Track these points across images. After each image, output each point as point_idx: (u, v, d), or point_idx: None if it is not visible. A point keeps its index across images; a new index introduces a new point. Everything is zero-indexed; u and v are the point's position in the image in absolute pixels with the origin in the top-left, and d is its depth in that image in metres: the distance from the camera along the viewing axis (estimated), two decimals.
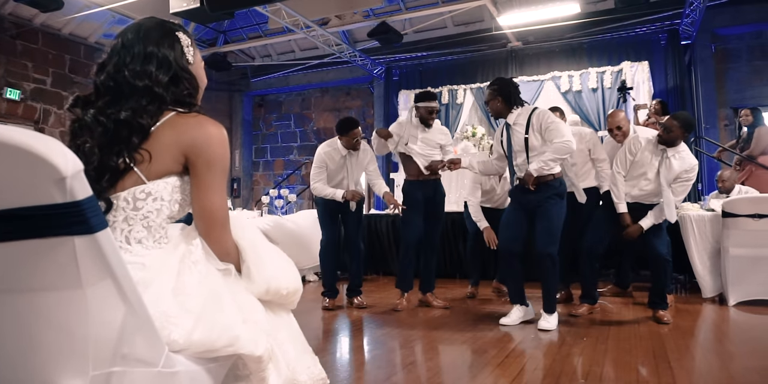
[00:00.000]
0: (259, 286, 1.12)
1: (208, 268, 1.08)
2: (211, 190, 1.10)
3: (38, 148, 0.74)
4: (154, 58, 1.12)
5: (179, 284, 1.01)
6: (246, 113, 10.70)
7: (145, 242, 1.08)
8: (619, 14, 7.16)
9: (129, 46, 1.13)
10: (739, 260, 3.82)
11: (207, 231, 1.11)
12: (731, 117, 7.31)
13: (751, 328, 3.31)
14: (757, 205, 3.76)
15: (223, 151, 1.11)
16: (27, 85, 7.70)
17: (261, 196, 6.29)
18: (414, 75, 8.87)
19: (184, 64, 1.17)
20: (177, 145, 1.08)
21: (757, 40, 7.28)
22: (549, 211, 3.20)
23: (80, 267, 0.81)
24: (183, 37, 1.19)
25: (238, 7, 5.85)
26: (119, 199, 1.06)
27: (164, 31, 1.17)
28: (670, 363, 2.42)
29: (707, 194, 4.78)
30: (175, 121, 1.10)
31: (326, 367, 1.32)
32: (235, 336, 0.97)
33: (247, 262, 1.14)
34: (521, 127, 3.26)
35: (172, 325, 0.94)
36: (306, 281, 5.50)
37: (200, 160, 1.09)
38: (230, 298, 1.05)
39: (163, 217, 1.10)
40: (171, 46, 1.16)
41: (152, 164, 1.07)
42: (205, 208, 1.10)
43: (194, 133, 1.09)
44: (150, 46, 1.13)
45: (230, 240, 1.14)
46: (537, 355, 2.63)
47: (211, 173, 1.10)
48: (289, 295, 1.18)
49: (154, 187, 1.08)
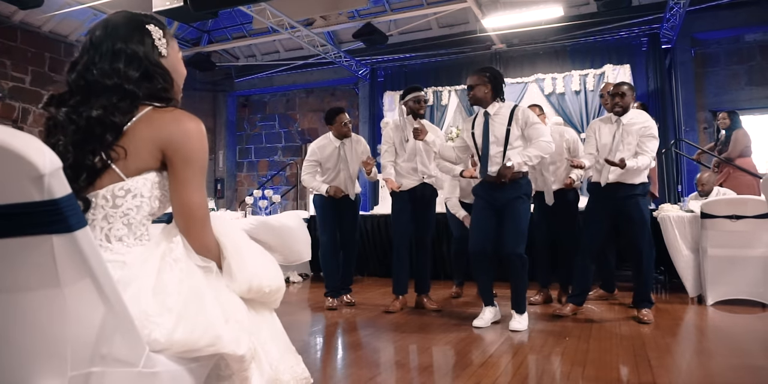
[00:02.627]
0: (240, 283, 1.11)
1: (189, 265, 1.06)
2: (190, 187, 1.08)
3: (15, 145, 0.73)
4: (123, 54, 1.10)
5: (160, 282, 1.00)
6: (230, 113, 10.62)
7: (125, 240, 1.06)
8: (601, 18, 7.25)
9: (97, 43, 1.11)
10: (717, 260, 3.89)
11: (187, 227, 1.10)
12: (710, 120, 7.45)
13: (729, 327, 3.37)
14: (734, 207, 3.84)
15: (201, 147, 1.09)
16: (5, 84, 7.56)
17: (245, 197, 6.25)
18: (399, 76, 8.88)
19: (155, 59, 1.15)
20: (153, 140, 1.06)
21: (734, 44, 7.43)
22: (517, 210, 3.21)
23: (58, 266, 0.80)
24: (153, 30, 1.16)
25: (222, 6, 5.80)
26: (98, 197, 1.05)
27: (133, 26, 1.14)
28: (650, 362, 2.46)
29: (686, 196, 4.86)
30: (151, 116, 1.09)
31: (310, 367, 1.31)
32: (217, 335, 0.96)
33: (228, 259, 1.13)
34: (503, 118, 3.26)
35: (153, 324, 0.93)
36: (290, 282, 5.48)
37: (177, 156, 1.07)
38: (212, 296, 1.04)
39: (144, 213, 1.09)
40: (140, 41, 1.13)
41: (130, 161, 1.05)
42: (184, 204, 1.09)
43: (171, 129, 1.07)
44: (118, 42, 1.11)
45: (210, 236, 1.13)
46: (520, 355, 2.65)
47: (190, 169, 1.08)
48: (271, 292, 1.17)
49: (133, 184, 1.06)
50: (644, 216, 3.41)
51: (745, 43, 7.38)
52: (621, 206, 3.42)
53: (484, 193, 3.32)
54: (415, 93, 3.87)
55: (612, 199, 3.44)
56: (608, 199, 3.45)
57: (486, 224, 3.27)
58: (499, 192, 3.23)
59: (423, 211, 3.90)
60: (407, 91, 3.92)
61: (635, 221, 3.39)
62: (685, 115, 7.38)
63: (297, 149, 10.17)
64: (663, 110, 7.15)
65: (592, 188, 3.61)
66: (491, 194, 3.27)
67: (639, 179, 3.42)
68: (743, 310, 3.72)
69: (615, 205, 3.44)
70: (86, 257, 0.82)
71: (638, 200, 3.41)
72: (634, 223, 3.39)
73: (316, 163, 4.09)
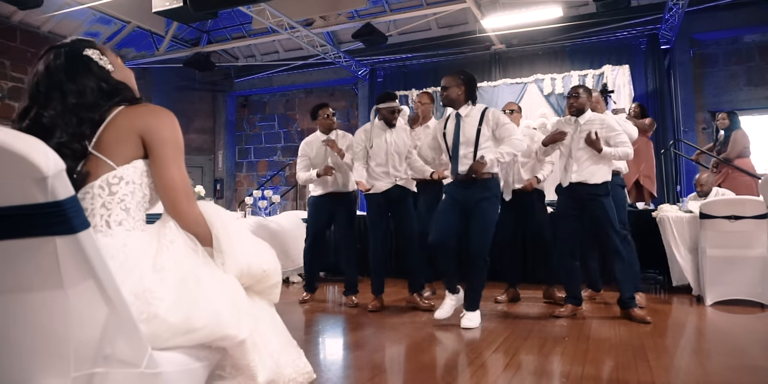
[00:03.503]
0: (233, 259, 1.15)
1: (185, 247, 1.11)
2: (169, 164, 1.16)
3: (19, 147, 0.74)
4: (72, 92, 1.16)
5: (158, 261, 1.04)
6: (229, 114, 10.62)
7: (125, 224, 1.11)
8: (600, 19, 7.26)
9: (45, 90, 1.16)
10: (715, 261, 3.90)
11: (173, 203, 1.16)
12: (709, 120, 7.46)
13: (728, 327, 3.38)
14: (733, 207, 3.85)
15: (175, 129, 1.19)
16: (5, 84, 7.56)
17: (244, 197, 6.25)
18: (398, 77, 8.89)
19: (107, 78, 1.22)
20: (133, 130, 1.15)
21: (733, 45, 7.44)
22: (486, 210, 3.24)
23: (62, 267, 0.80)
24: (92, 53, 1.23)
25: (221, 6, 5.80)
26: (94, 188, 1.10)
27: (73, 60, 1.20)
28: (649, 362, 2.46)
29: (685, 196, 4.87)
30: (126, 112, 1.17)
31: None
32: (216, 311, 0.99)
33: (218, 237, 1.18)
34: (474, 119, 3.32)
35: (157, 299, 0.96)
36: (289, 282, 5.48)
37: (155, 139, 1.16)
38: (210, 276, 1.07)
39: (138, 199, 1.15)
40: (87, 70, 1.20)
41: (116, 151, 1.13)
42: (166, 180, 1.15)
43: (146, 118, 1.17)
44: (65, 83, 1.16)
45: (197, 209, 1.19)
46: (519, 355, 2.66)
47: (167, 148, 1.17)
48: (268, 273, 1.20)
49: (124, 172, 1.13)
50: (609, 214, 3.44)
51: (743, 44, 7.40)
52: (586, 207, 3.50)
53: (453, 192, 3.35)
54: (390, 103, 3.89)
55: (577, 200, 3.52)
56: (573, 199, 3.53)
57: (449, 219, 3.29)
58: (469, 191, 3.26)
59: (400, 211, 3.94)
60: (383, 98, 3.94)
61: (601, 221, 3.44)
62: (684, 115, 7.39)
63: (296, 149, 10.06)
64: (662, 111, 7.17)
65: (558, 189, 3.68)
66: (461, 193, 3.29)
67: (601, 178, 3.50)
68: (742, 311, 3.73)
69: (581, 205, 3.52)
70: (89, 258, 0.82)
71: (602, 200, 3.46)
72: (601, 223, 3.44)
73: (307, 158, 4.30)
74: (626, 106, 6.62)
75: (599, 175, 3.51)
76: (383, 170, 3.91)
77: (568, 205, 3.57)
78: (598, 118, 3.60)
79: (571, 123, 3.63)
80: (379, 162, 3.91)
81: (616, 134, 3.51)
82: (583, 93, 3.58)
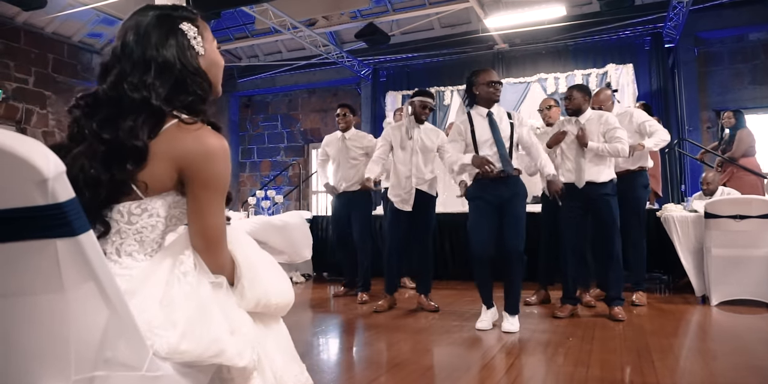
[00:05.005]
0: (249, 301, 1.09)
1: (199, 279, 1.04)
2: (208, 212, 1.03)
3: (19, 149, 0.73)
4: (154, 64, 1.05)
5: (167, 295, 0.98)
6: (233, 114, 10.63)
7: (135, 255, 1.04)
8: (604, 17, 7.23)
9: (129, 51, 1.05)
10: (721, 260, 3.88)
11: (205, 249, 1.06)
12: (714, 119, 7.42)
13: (733, 328, 3.36)
14: (738, 207, 3.82)
15: (223, 168, 1.03)
16: (9, 85, 7.58)
17: (247, 197, 6.26)
18: (401, 76, 8.88)
19: (189, 62, 1.08)
20: (174, 160, 1.01)
21: (738, 43, 7.40)
22: (518, 207, 3.22)
23: (62, 270, 0.80)
24: (188, 28, 1.10)
25: (224, 7, 5.82)
26: (113, 212, 1.02)
27: (166, 29, 1.08)
28: (653, 362, 2.45)
29: (690, 195, 4.84)
30: (175, 132, 1.03)
31: (312, 368, 1.32)
32: (222, 349, 0.95)
33: (241, 278, 1.09)
34: (502, 118, 3.31)
35: (156, 335, 0.92)
36: (293, 282, 5.48)
37: (197, 179, 1.02)
38: (219, 310, 1.02)
39: (158, 232, 1.06)
40: (175, 44, 1.07)
41: (147, 178, 1.01)
42: (202, 229, 1.04)
43: (192, 149, 1.01)
44: (149, 50, 1.05)
45: (226, 256, 1.09)
46: (523, 356, 2.65)
47: (209, 192, 1.03)
48: (278, 308, 1.16)
49: (150, 204, 1.03)
50: (614, 215, 3.50)
51: (748, 42, 7.36)
52: (591, 206, 3.51)
53: (482, 192, 3.25)
54: (426, 97, 3.91)
55: (583, 199, 3.53)
56: (579, 199, 3.53)
57: (487, 225, 3.23)
58: (502, 188, 3.21)
59: (418, 216, 3.92)
60: (419, 93, 3.95)
61: (605, 221, 3.48)
62: (689, 114, 7.36)
63: (299, 149, 10.18)
64: (666, 110, 7.13)
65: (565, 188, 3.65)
66: (492, 192, 3.22)
67: (607, 176, 3.53)
68: (748, 311, 3.70)
69: (586, 204, 3.53)
70: (90, 261, 0.81)
71: (608, 200, 3.49)
72: (605, 223, 3.48)
73: (324, 152, 4.68)
74: (631, 105, 6.60)
75: (605, 173, 3.51)
76: (405, 175, 3.90)
77: (574, 205, 3.55)
78: (597, 115, 3.62)
79: (572, 122, 3.64)
80: (403, 159, 3.92)
81: (612, 129, 3.53)
82: (576, 93, 3.61)
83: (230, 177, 1.07)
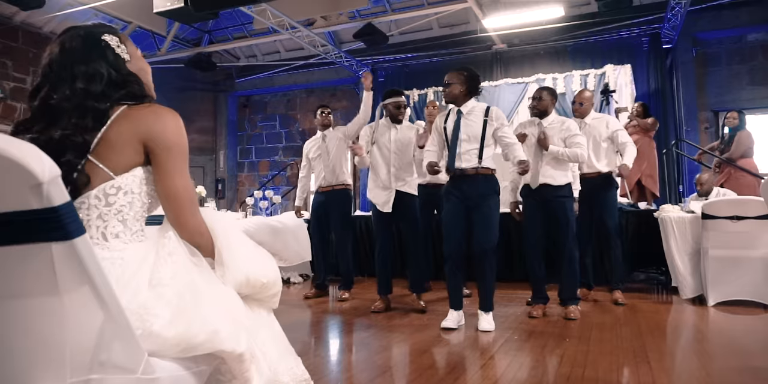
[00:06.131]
0: (234, 272, 1.13)
1: (184, 259, 1.08)
2: (173, 172, 1.12)
3: (14, 153, 0.73)
4: (81, 74, 1.11)
5: (155, 275, 1.02)
6: (231, 114, 10.63)
7: (122, 236, 1.08)
8: (602, 18, 7.24)
9: (57, 68, 1.12)
10: (718, 261, 3.89)
11: (176, 213, 1.12)
12: (711, 120, 7.44)
13: (730, 329, 3.37)
14: (735, 208, 3.83)
15: (180, 135, 1.14)
16: (7, 84, 7.58)
17: (246, 198, 6.26)
18: (399, 76, 8.88)
19: (120, 67, 1.17)
20: (135, 135, 1.09)
21: (736, 44, 7.42)
22: (489, 206, 3.23)
23: (57, 273, 0.80)
24: (110, 39, 1.18)
25: (222, 7, 5.80)
26: (90, 197, 1.06)
27: (89, 43, 1.15)
28: (650, 363, 2.45)
29: (687, 196, 4.85)
30: (128, 113, 1.11)
31: (309, 369, 1.32)
32: (215, 330, 0.97)
33: (220, 248, 1.15)
34: (477, 116, 3.30)
35: (152, 316, 0.94)
36: (290, 282, 5.48)
37: (159, 146, 1.11)
38: (208, 291, 1.05)
39: (136, 209, 1.11)
40: (101, 56, 1.15)
41: (116, 158, 1.08)
42: (170, 190, 1.12)
43: (150, 122, 1.11)
44: (77, 65, 1.12)
45: (200, 220, 1.15)
46: (519, 357, 2.65)
47: (171, 156, 1.12)
48: (268, 285, 1.18)
49: (122, 181, 1.09)
50: (568, 217, 3.54)
51: (747, 43, 7.37)
52: (548, 208, 3.56)
53: (455, 189, 3.29)
54: (396, 98, 3.93)
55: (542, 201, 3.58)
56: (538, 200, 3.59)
57: (459, 224, 3.27)
58: (470, 187, 3.23)
59: (402, 217, 3.94)
60: (388, 94, 3.98)
61: (560, 222, 3.52)
62: (687, 115, 7.37)
63: (298, 149, 10.17)
64: (664, 110, 7.14)
65: (524, 190, 3.71)
66: (463, 190, 3.25)
67: (564, 180, 3.57)
68: (744, 311, 3.71)
69: (543, 205, 3.58)
70: (85, 264, 0.82)
71: (564, 202, 3.54)
72: (559, 223, 3.52)
73: (305, 159, 4.62)
74: (628, 105, 6.61)
75: (562, 176, 3.57)
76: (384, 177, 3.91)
77: (531, 204, 3.62)
78: (560, 121, 3.68)
79: (534, 124, 3.69)
80: (381, 162, 3.92)
81: (572, 135, 3.59)
82: (546, 96, 3.67)
83: (187, 144, 1.16)
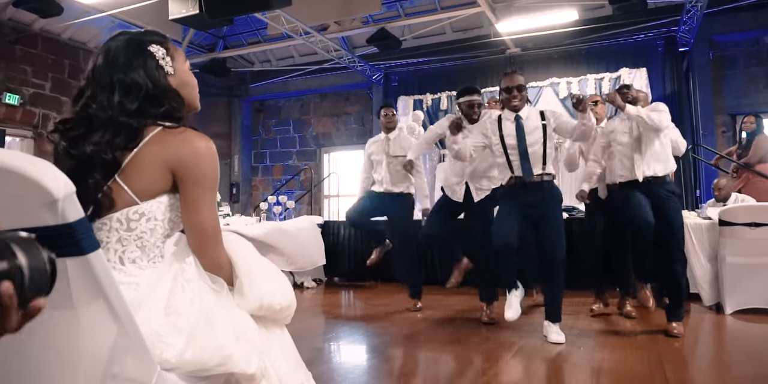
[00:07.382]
0: (251, 301, 1.12)
1: (201, 286, 1.07)
2: (201, 207, 1.09)
3: (30, 171, 0.75)
4: (120, 85, 1.10)
5: (171, 303, 1.01)
6: (245, 118, 10.71)
7: (139, 262, 1.08)
8: (616, 21, 7.17)
9: (99, 74, 1.12)
10: (736, 269, 3.82)
11: (199, 247, 1.11)
12: (729, 124, 7.33)
13: (748, 337, 3.31)
14: (753, 214, 3.77)
15: (211, 166, 1.10)
16: (26, 90, 7.71)
17: (260, 202, 6.29)
18: (413, 81, 8.89)
19: (159, 80, 1.13)
20: (164, 161, 1.07)
21: (754, 46, 7.31)
22: (557, 216, 3.15)
23: (72, 288, 0.81)
24: (156, 50, 1.15)
25: (237, 13, 5.85)
26: (112, 220, 1.06)
27: (133, 51, 1.13)
28: (665, 373, 2.42)
29: (704, 202, 4.78)
30: (161, 137, 1.08)
31: (322, 376, 1.32)
32: (228, 355, 0.97)
33: (240, 278, 1.14)
34: (534, 122, 3.18)
35: (164, 344, 0.94)
36: (304, 287, 5.49)
37: (188, 177, 1.08)
38: (223, 316, 1.05)
39: (157, 236, 1.10)
40: (142, 66, 1.12)
41: (142, 183, 1.06)
42: (196, 224, 1.10)
43: (180, 149, 1.08)
44: (117, 73, 1.10)
45: (222, 254, 1.14)
46: (533, 365, 2.63)
47: (199, 189, 1.09)
48: (282, 310, 1.18)
49: (147, 208, 1.07)
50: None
51: (764, 45, 7.25)
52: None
53: (514, 199, 3.18)
54: (469, 96, 3.67)
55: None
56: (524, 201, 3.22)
57: (510, 222, 3.12)
58: (534, 196, 3.11)
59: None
60: (462, 92, 3.73)
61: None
62: (703, 118, 7.26)
63: (311, 154, 10.22)
64: (680, 114, 7.05)
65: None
66: (524, 199, 3.13)
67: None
68: (763, 320, 3.64)
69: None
70: (99, 279, 0.83)
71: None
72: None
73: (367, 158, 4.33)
74: None
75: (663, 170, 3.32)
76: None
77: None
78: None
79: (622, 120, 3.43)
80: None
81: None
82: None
83: (218, 175, 1.13)
